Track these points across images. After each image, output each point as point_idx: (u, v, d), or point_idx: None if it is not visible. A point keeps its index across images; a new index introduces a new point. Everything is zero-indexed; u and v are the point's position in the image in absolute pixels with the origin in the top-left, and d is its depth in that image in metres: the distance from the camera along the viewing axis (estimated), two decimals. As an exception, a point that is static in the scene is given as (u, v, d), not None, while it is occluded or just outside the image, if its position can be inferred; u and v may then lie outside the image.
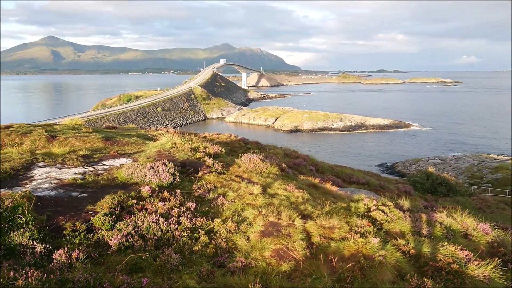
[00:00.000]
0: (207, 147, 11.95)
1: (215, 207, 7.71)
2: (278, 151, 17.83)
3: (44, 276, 4.80)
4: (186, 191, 8.47)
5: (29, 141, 12.33)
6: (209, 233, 6.64)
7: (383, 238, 6.82)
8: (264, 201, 8.01)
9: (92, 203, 7.23)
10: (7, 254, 5.43)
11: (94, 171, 9.42)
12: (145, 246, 5.99)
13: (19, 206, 6.19)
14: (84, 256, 5.46)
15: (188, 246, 6.13)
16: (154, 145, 12.40)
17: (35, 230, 5.86)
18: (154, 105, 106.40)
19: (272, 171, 10.88)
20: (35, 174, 8.92)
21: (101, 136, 13.35)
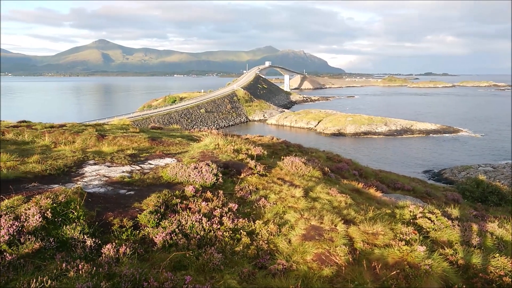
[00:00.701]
0: (250, 149, 12.03)
1: (257, 208, 7.75)
2: (321, 154, 17.66)
3: (93, 269, 5.01)
4: (229, 192, 8.57)
5: (81, 139, 12.91)
6: (251, 234, 6.67)
7: (430, 246, 6.59)
8: (306, 204, 7.96)
9: (139, 200, 7.47)
10: (60, 247, 5.72)
11: (141, 170, 9.72)
12: (188, 244, 6.12)
13: (72, 201, 6.50)
14: (130, 252, 5.65)
15: (230, 246, 6.19)
16: (198, 146, 12.64)
17: (85, 225, 6.13)
18: (197, 107, 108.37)
19: (315, 175, 10.79)
20: (86, 171, 9.34)
21: (147, 136, 13.77)
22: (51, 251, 5.55)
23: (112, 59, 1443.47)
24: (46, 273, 4.90)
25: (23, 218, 5.92)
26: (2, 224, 5.72)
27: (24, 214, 5.99)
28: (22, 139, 12.80)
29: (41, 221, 5.88)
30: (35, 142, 12.54)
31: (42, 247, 5.50)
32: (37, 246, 5.44)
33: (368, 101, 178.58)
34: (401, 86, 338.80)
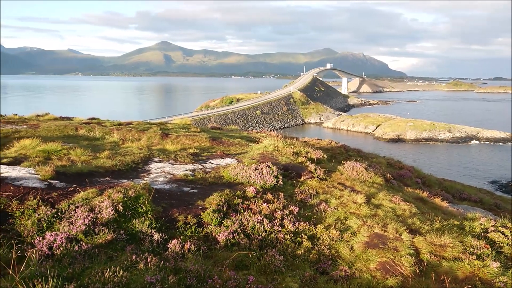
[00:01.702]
0: (309, 152, 11.95)
1: (318, 213, 7.68)
2: (381, 160, 17.17)
3: (161, 263, 5.20)
4: (288, 195, 8.56)
5: (146, 137, 13.48)
6: (312, 238, 6.63)
7: (504, 263, 6.19)
8: (369, 211, 7.77)
9: (202, 199, 7.66)
10: (130, 239, 6.00)
11: (203, 168, 9.98)
12: (250, 245, 6.18)
13: (141, 196, 6.80)
14: (195, 248, 5.81)
15: (291, 249, 6.18)
16: (257, 147, 12.75)
17: (153, 220, 6.39)
18: (254, 108, 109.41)
19: (376, 181, 10.51)
20: (152, 168, 9.73)
21: (208, 136, 14.10)
22: (122, 243, 5.84)
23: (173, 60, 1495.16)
24: (118, 263, 5.15)
25: (97, 210, 6.28)
26: (78, 215, 6.11)
27: (98, 206, 6.35)
28: (93, 135, 13.59)
29: (113, 214, 6.21)
30: (105, 139, 13.27)
31: (114, 238, 5.80)
32: (110, 238, 5.75)
33: (431, 106, 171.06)
34: (467, 91, 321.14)
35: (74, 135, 13.56)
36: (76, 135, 13.58)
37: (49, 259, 5.19)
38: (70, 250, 5.35)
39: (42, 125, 14.91)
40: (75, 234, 5.70)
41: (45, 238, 5.47)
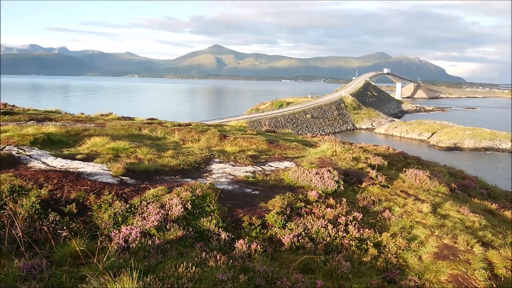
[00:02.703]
0: (369, 158, 11.75)
1: (382, 220, 7.53)
2: (441, 169, 16.53)
3: (230, 261, 5.33)
4: (350, 201, 8.46)
5: (205, 138, 13.83)
6: (377, 246, 6.52)
7: None
8: (435, 221, 7.52)
9: (264, 200, 7.75)
10: (198, 237, 6.19)
11: (262, 171, 10.08)
12: (315, 249, 6.18)
13: (207, 196, 7.00)
14: (261, 249, 5.89)
15: (357, 256, 6.12)
16: (315, 152, 12.69)
17: (219, 219, 6.56)
18: (303, 112, 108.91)
19: (441, 190, 10.14)
20: (213, 168, 9.97)
21: (265, 139, 14.22)
22: (191, 240, 6.04)
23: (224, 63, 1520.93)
24: (189, 259, 5.33)
25: (167, 207, 6.54)
26: (150, 211, 6.39)
27: (168, 203, 6.61)
28: (155, 135, 14.13)
29: (182, 212, 6.44)
30: (166, 138, 13.75)
31: (183, 235, 6.01)
32: (180, 234, 5.96)
33: (492, 114, 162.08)
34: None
35: (138, 134, 14.15)
36: (139, 134, 14.17)
37: (125, 252, 5.47)
38: (144, 244, 5.61)
39: (108, 124, 15.70)
40: (148, 229, 5.96)
41: (121, 232, 5.77)
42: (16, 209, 5.96)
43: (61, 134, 11.98)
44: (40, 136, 10.75)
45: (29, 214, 5.94)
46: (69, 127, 13.89)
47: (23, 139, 10.23)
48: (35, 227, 5.77)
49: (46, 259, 5.01)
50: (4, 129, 11.90)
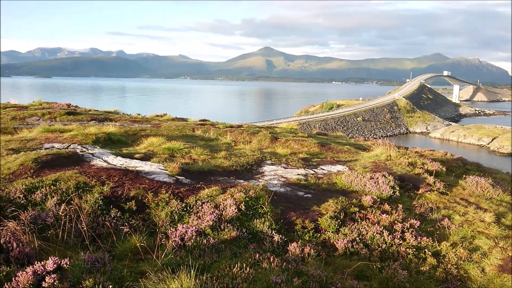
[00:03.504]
0: (426, 164, 11.32)
1: (440, 229, 7.23)
2: (505, 176, 15.56)
3: (283, 264, 5.33)
4: (406, 207, 8.20)
5: (256, 140, 13.92)
6: (436, 255, 6.26)
7: None
8: (500, 232, 7.11)
9: (317, 204, 7.68)
10: (251, 238, 6.24)
11: (314, 174, 10.00)
12: (370, 255, 6.04)
13: (260, 197, 7.04)
14: (315, 253, 5.84)
15: (414, 264, 5.91)
16: (368, 156, 12.41)
17: (272, 221, 6.58)
18: (354, 115, 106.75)
19: (505, 199, 9.57)
20: (265, 170, 10.01)
21: (316, 142, 14.10)
22: (245, 240, 6.10)
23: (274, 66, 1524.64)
24: (243, 260, 5.39)
25: (222, 207, 6.65)
26: (205, 210, 6.53)
27: (222, 204, 6.72)
28: (208, 136, 14.42)
29: (236, 212, 6.52)
30: (219, 140, 13.99)
31: (237, 236, 6.09)
32: (234, 235, 6.04)
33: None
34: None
35: (192, 135, 14.51)
36: (193, 135, 14.52)
37: (181, 249, 5.62)
38: (199, 243, 5.73)
39: (163, 125, 16.23)
40: (203, 229, 6.09)
41: (177, 230, 5.93)
42: (81, 205, 6.30)
43: (120, 134, 12.52)
44: (102, 135, 11.30)
45: (92, 210, 6.27)
46: (127, 127, 14.49)
47: (86, 138, 10.80)
48: (98, 222, 6.07)
49: (108, 253, 5.25)
50: (68, 128, 12.63)
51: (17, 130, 13.16)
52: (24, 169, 7.74)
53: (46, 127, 12.30)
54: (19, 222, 5.49)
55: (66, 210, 5.89)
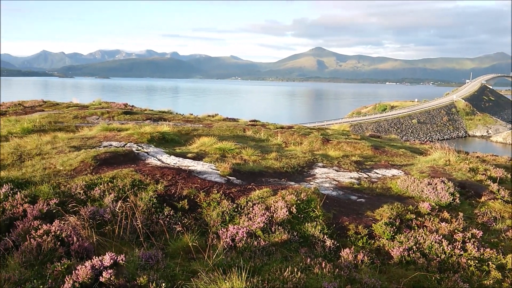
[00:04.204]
0: (489, 170, 10.64)
1: (505, 240, 6.74)
2: None
3: (335, 270, 5.17)
4: (467, 215, 7.73)
5: (307, 141, 13.74)
6: (501, 268, 5.82)
7: None
8: None
9: (371, 209, 7.42)
10: (302, 242, 6.13)
11: (368, 178, 9.69)
12: (428, 265, 5.73)
13: (312, 200, 6.91)
14: (368, 261, 5.63)
15: (476, 277, 5.53)
16: (425, 160, 11.88)
17: (324, 225, 6.42)
18: (409, 117, 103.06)
19: None
20: (316, 173, 9.84)
21: (370, 144, 13.69)
22: (295, 244, 6.00)
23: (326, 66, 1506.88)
24: (294, 264, 5.29)
25: (272, 209, 6.58)
26: (256, 212, 6.49)
27: (273, 206, 6.66)
28: (258, 137, 14.43)
29: (287, 215, 6.43)
30: (269, 140, 13.96)
31: (288, 239, 6.00)
32: (285, 238, 5.96)
33: None
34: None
35: (242, 135, 14.58)
36: (243, 135, 14.59)
37: (232, 250, 5.61)
38: (250, 245, 5.70)
39: (215, 125, 16.45)
40: (254, 230, 6.06)
41: (228, 230, 5.94)
42: (136, 202, 6.48)
43: (174, 133, 12.82)
44: (156, 134, 11.63)
45: (147, 207, 6.42)
46: (180, 127, 14.82)
47: (142, 137, 11.15)
48: (152, 220, 6.21)
49: (161, 250, 5.35)
50: (125, 127, 13.11)
51: (78, 128, 13.86)
52: (84, 166, 8.11)
53: (105, 126, 12.84)
54: (79, 217, 5.74)
55: (122, 207, 6.08)
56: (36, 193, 6.66)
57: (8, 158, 8.85)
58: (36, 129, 12.92)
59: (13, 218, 5.86)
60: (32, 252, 4.81)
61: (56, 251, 4.91)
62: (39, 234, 5.12)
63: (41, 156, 9.03)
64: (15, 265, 4.68)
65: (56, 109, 19.77)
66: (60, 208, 6.04)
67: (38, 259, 4.78)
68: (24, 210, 6.00)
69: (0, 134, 12.12)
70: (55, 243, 4.99)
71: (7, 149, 9.55)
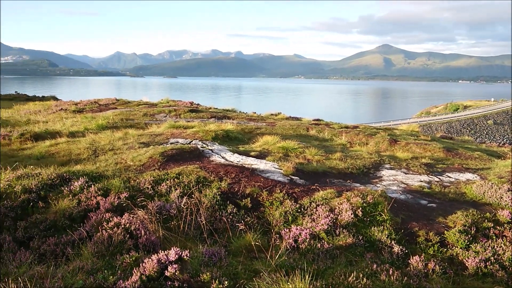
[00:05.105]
0: None
1: None
2: None
3: (404, 278, 4.88)
4: (554, 227, 7.00)
5: (374, 142, 13.26)
6: None
7: None
8: None
9: (443, 215, 6.97)
10: (368, 247, 5.88)
11: (440, 181, 9.13)
12: (508, 279, 5.25)
13: (379, 204, 6.61)
14: (440, 270, 5.27)
15: None
16: (504, 164, 10.98)
17: (392, 230, 6.12)
18: (484, 117, 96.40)
19: None
20: (383, 175, 9.44)
21: (442, 146, 12.93)
22: (361, 248, 5.76)
23: (393, 64, 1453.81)
24: (359, 269, 5.08)
25: (337, 211, 6.39)
26: (319, 213, 6.34)
27: (338, 208, 6.46)
28: (322, 136, 14.18)
29: (352, 218, 6.21)
30: (333, 140, 13.66)
31: (353, 243, 5.78)
32: (350, 241, 5.75)
33: None
34: None
35: (305, 134, 14.41)
36: (307, 134, 14.41)
37: (294, 252, 5.51)
38: (313, 247, 5.56)
39: (278, 124, 16.41)
40: (317, 232, 5.91)
41: (291, 231, 5.84)
42: (201, 198, 6.59)
43: (237, 131, 12.96)
44: (220, 132, 11.81)
45: (211, 204, 6.51)
46: (244, 125, 14.95)
47: (206, 135, 11.38)
48: (215, 217, 6.28)
49: (224, 248, 5.37)
50: (191, 125, 13.47)
51: (148, 126, 14.46)
52: (152, 162, 8.41)
53: (172, 123, 13.28)
54: (146, 211, 5.94)
55: (187, 203, 6.20)
56: (108, 186, 7.00)
57: (84, 153, 9.43)
58: (109, 126, 13.68)
59: (87, 210, 6.20)
60: (103, 243, 5.04)
61: (125, 243, 5.11)
62: (110, 226, 5.37)
63: (113, 151, 9.51)
64: (88, 254, 4.93)
65: (127, 107, 20.82)
66: (130, 202, 6.29)
67: (109, 250, 5.01)
68: (97, 202, 6.33)
69: (78, 130, 12.97)
70: (124, 235, 5.19)
71: (84, 144, 10.17)
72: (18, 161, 8.85)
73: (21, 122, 16.31)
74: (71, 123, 14.81)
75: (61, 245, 5.26)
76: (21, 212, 6.26)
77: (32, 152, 10.09)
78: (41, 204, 6.44)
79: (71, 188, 6.82)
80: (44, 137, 11.83)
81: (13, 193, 6.60)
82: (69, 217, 6.09)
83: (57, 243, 5.30)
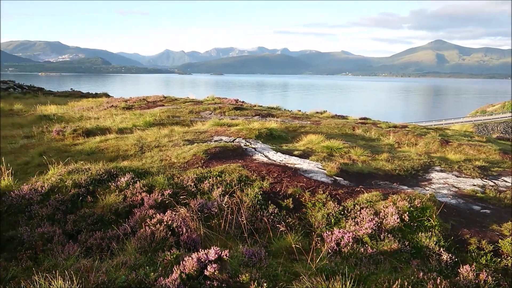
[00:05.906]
0: None
1: None
2: None
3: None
4: None
5: (423, 143, 12.74)
6: None
7: None
8: None
9: (497, 222, 6.55)
10: (414, 253, 5.62)
11: (495, 186, 8.60)
12: None
13: (427, 208, 6.31)
14: (493, 282, 4.94)
15: None
16: None
17: (441, 237, 5.81)
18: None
19: None
20: (433, 177, 9.03)
21: (498, 148, 12.20)
22: (406, 255, 5.52)
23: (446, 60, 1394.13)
24: (404, 277, 4.86)
25: (382, 215, 6.16)
26: (363, 217, 6.14)
27: (383, 211, 6.23)
28: (369, 136, 13.79)
29: (398, 222, 5.97)
30: (380, 140, 13.25)
31: (398, 248, 5.54)
32: (395, 247, 5.52)
33: None
34: None
35: (351, 134, 14.08)
36: (353, 134, 14.08)
37: (336, 255, 5.36)
38: (355, 251, 5.39)
39: (323, 122, 16.15)
40: (361, 236, 5.73)
41: (333, 234, 5.69)
42: (242, 198, 6.58)
43: (281, 130, 12.88)
44: (264, 131, 11.78)
45: (252, 204, 6.48)
46: (288, 124, 14.84)
47: (250, 133, 11.38)
48: (256, 217, 6.25)
49: (264, 248, 5.32)
50: (235, 122, 13.53)
51: (193, 123, 14.70)
52: (196, 159, 8.51)
53: (216, 121, 13.41)
54: (188, 209, 6.00)
55: (228, 202, 6.21)
56: (153, 183, 7.15)
57: (131, 149, 9.71)
58: (156, 123, 14.03)
59: (132, 205, 6.37)
60: (146, 239, 5.14)
61: (167, 240, 5.19)
62: (153, 222, 5.47)
63: (159, 148, 9.73)
64: (132, 250, 5.05)
65: (174, 104, 21.29)
66: (172, 199, 6.39)
67: (151, 246, 5.10)
68: (142, 198, 6.48)
69: (127, 127, 13.40)
70: (166, 232, 5.27)
71: (131, 140, 10.48)
72: (70, 156, 9.26)
73: (75, 118, 17.11)
74: (120, 119, 15.34)
75: (106, 239, 5.42)
76: (71, 205, 6.53)
77: (83, 148, 10.54)
78: (90, 199, 6.69)
79: (118, 184, 7.03)
80: (95, 133, 12.33)
81: (64, 187, 6.90)
82: (115, 212, 6.28)
83: (103, 237, 5.47)
